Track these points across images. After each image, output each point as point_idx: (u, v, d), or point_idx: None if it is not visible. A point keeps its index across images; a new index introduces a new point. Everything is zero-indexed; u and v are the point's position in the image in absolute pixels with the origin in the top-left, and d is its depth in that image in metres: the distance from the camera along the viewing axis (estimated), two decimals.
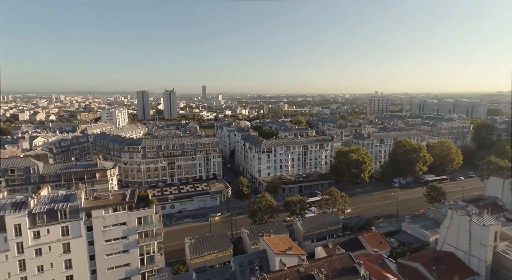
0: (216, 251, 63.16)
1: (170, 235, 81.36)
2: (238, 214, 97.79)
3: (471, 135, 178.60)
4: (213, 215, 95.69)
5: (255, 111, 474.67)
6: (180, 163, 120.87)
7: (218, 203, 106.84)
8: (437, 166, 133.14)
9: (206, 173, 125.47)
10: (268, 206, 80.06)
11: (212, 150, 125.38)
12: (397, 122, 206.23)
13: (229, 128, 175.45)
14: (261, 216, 79.26)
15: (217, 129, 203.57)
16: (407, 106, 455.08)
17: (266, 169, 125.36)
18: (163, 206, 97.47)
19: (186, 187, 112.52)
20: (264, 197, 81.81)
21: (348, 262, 44.71)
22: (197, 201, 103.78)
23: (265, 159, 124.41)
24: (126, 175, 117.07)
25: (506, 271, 51.43)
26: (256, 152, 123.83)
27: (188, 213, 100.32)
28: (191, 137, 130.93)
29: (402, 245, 69.82)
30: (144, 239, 56.50)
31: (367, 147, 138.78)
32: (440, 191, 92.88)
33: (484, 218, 54.64)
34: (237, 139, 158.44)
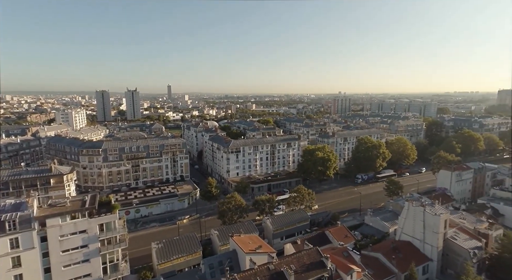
0: (184, 254, 61.62)
1: (136, 240, 77.90)
2: (207, 215, 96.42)
3: (423, 132, 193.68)
4: (181, 218, 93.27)
5: (222, 111, 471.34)
6: (145, 165, 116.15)
7: (186, 205, 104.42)
8: (395, 162, 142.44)
9: (173, 175, 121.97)
10: (238, 206, 79.94)
11: (179, 151, 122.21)
12: (359, 121, 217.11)
13: (197, 128, 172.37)
14: (231, 216, 78.92)
15: (184, 129, 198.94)
16: (368, 106, 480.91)
17: (235, 169, 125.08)
18: (127, 211, 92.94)
19: (152, 190, 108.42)
20: (233, 197, 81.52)
21: (316, 257, 46.14)
22: (164, 204, 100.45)
23: (234, 159, 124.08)
24: (85, 180, 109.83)
25: (454, 255, 56.56)
26: (225, 152, 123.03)
27: (155, 217, 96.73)
28: (156, 138, 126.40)
29: (365, 237, 73.77)
30: (106, 247, 53.39)
31: (332, 145, 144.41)
32: (398, 185, 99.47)
33: (436, 208, 59.49)
34: (205, 139, 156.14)
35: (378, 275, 50.88)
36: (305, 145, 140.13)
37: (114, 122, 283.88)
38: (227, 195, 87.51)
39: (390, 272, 52.45)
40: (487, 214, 75.67)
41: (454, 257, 56.50)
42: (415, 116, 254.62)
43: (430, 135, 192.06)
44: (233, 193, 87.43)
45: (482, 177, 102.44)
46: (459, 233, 59.83)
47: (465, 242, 57.25)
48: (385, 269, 52.95)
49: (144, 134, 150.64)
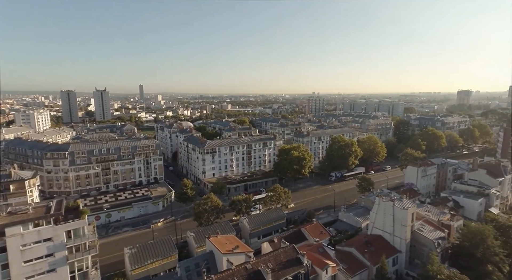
0: (159, 258, 59.90)
1: (107, 246, 74.58)
2: (183, 217, 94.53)
3: (392, 130, 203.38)
4: (155, 221, 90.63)
5: (197, 112, 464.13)
6: (116, 168, 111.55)
7: (161, 208, 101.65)
8: (366, 159, 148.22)
9: (147, 177, 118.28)
10: (214, 206, 79.18)
11: (153, 153, 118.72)
12: (332, 120, 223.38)
13: (171, 129, 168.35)
14: (207, 217, 78.00)
15: (158, 130, 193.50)
16: (340, 106, 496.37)
17: (211, 170, 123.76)
18: (97, 216, 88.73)
19: (125, 194, 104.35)
20: (209, 198, 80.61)
21: (292, 254, 46.83)
22: (137, 208, 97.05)
23: (210, 159, 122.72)
24: (50, 185, 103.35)
25: (420, 246, 59.91)
26: (200, 153, 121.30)
27: (128, 221, 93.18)
28: (128, 140, 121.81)
29: (339, 233, 76.04)
30: (75, 254, 50.50)
31: (307, 144, 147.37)
32: (369, 182, 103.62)
33: (404, 202, 62.62)
34: (179, 140, 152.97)
35: (352, 268, 52.65)
36: (280, 145, 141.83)
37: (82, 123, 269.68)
38: (203, 196, 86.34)
39: (363, 265, 54.46)
40: (449, 206, 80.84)
41: (421, 248, 59.82)
42: (384, 116, 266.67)
43: (398, 133, 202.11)
44: (209, 194, 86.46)
45: (445, 172, 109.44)
46: (424, 225, 63.44)
47: (430, 233, 60.83)
48: (358, 262, 54.91)
49: (115, 135, 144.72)
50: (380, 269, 52.14)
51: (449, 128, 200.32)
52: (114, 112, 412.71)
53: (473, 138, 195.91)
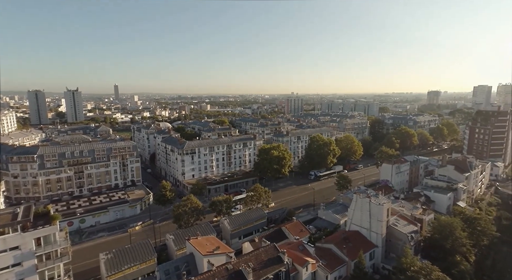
0: (138, 263, 58.12)
1: (82, 253, 71.46)
2: (162, 220, 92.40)
3: (368, 129, 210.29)
4: (133, 225, 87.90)
5: (176, 112, 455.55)
6: (90, 171, 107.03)
7: (139, 212, 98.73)
8: (344, 158, 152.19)
9: (123, 180, 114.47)
10: (194, 208, 78.04)
11: (129, 155, 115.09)
12: (310, 120, 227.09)
13: (148, 130, 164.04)
14: (187, 219, 76.76)
15: (134, 132, 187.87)
16: (319, 106, 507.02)
17: (191, 171, 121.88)
18: (70, 222, 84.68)
19: (99, 198, 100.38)
20: (189, 200, 79.34)
21: (273, 253, 47.15)
22: (113, 212, 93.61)
23: (189, 160, 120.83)
24: (17, 191, 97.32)
25: (395, 240, 62.38)
26: (179, 154, 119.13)
27: (103, 226, 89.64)
28: (103, 142, 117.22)
29: (319, 230, 77.45)
30: (45, 263, 47.87)
31: (286, 143, 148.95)
32: (347, 179, 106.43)
33: (379, 199, 64.95)
34: (157, 141, 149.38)
35: (331, 264, 53.82)
36: (260, 145, 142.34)
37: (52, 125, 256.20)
38: (183, 198, 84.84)
39: (341, 261, 55.82)
40: (421, 201, 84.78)
41: (396, 242, 62.27)
42: (361, 115, 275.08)
43: (373, 132, 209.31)
44: (189, 195, 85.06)
45: (417, 168, 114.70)
46: (399, 220, 66.11)
47: (404, 228, 63.50)
48: (337, 258, 56.23)
49: (89, 137, 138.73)
50: (358, 264, 53.68)
51: (421, 127, 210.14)
52: (87, 113, 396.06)
53: (442, 136, 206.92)
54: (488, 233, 70.88)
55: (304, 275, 48.58)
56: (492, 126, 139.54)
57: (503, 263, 73.88)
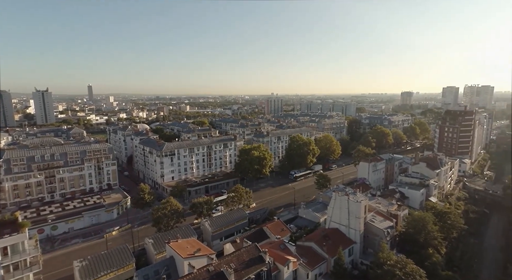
0: (115, 269, 56.08)
1: (54, 261, 68.13)
2: (140, 224, 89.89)
3: (346, 129, 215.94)
4: (109, 230, 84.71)
5: (154, 113, 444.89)
6: (62, 175, 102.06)
7: (116, 216, 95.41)
8: (323, 157, 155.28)
9: (99, 184, 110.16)
10: (174, 211, 76.51)
11: (105, 158, 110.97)
12: (290, 120, 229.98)
13: (125, 132, 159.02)
14: (167, 222, 75.09)
15: (110, 134, 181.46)
16: (298, 106, 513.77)
17: (170, 173, 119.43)
18: (40, 229, 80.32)
19: (73, 203, 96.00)
20: (168, 202, 77.70)
21: (255, 253, 47.20)
22: (88, 217, 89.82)
23: (168, 162, 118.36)
24: None
25: (372, 235, 64.46)
26: (158, 156, 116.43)
27: (77, 232, 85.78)
28: (76, 144, 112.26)
29: (299, 229, 78.48)
30: (13, 273, 45.20)
31: (267, 144, 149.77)
32: (326, 178, 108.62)
33: (357, 196, 66.87)
34: (135, 143, 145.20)
35: (312, 262, 54.69)
36: (241, 145, 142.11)
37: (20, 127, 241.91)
38: (162, 200, 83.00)
39: (322, 258, 56.87)
40: (396, 197, 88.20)
41: (373, 237, 64.34)
42: (339, 115, 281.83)
43: (351, 132, 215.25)
44: (168, 198, 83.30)
45: (392, 166, 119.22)
46: (376, 216, 68.40)
47: (381, 224, 65.78)
48: (318, 256, 57.22)
49: (61, 140, 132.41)
50: (337, 260, 54.92)
51: (395, 126, 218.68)
52: (58, 115, 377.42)
53: (415, 135, 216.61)
54: (457, 226, 75.03)
55: (286, 274, 49.04)
56: (459, 125, 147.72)
57: (471, 254, 78.53)
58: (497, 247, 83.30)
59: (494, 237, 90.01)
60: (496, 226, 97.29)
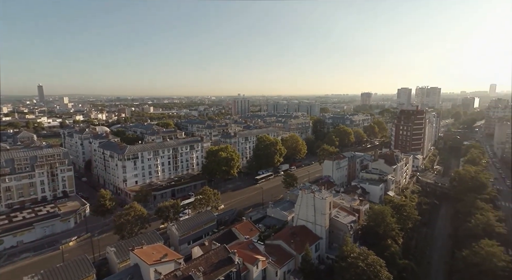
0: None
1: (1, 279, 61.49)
2: (101, 232, 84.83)
3: (311, 128, 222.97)
4: (65, 241, 78.74)
5: (114, 115, 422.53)
6: (9, 184, 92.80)
7: (73, 225, 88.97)
8: (289, 156, 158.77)
9: (53, 192, 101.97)
10: (138, 216, 73.29)
11: (59, 163, 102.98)
12: (257, 121, 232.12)
13: (82, 135, 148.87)
14: (130, 229, 71.69)
15: (65, 137, 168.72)
16: (265, 107, 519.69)
17: (133, 178, 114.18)
18: None
19: (22, 214, 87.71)
20: (132, 208, 74.23)
21: (223, 254, 46.85)
22: (40, 229, 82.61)
23: (131, 166, 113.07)
24: None
25: (337, 230, 67.27)
26: (120, 160, 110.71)
27: (28, 245, 78.50)
28: (25, 150, 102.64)
29: (268, 228, 79.30)
30: None
31: (234, 144, 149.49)
32: (293, 177, 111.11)
33: (322, 193, 69.31)
34: (93, 147, 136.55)
35: (280, 260, 55.58)
36: (208, 146, 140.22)
37: None
38: (125, 206, 78.99)
39: (290, 255, 58.03)
40: (358, 193, 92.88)
41: (337, 232, 67.12)
42: (304, 115, 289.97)
43: (316, 131, 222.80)
44: (132, 203, 79.56)
45: (354, 163, 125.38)
46: (340, 212, 71.44)
47: (345, 219, 68.85)
48: (286, 253, 58.29)
49: (6, 145, 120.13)
50: (304, 256, 56.43)
51: (356, 125, 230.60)
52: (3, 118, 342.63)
53: (374, 133, 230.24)
54: (412, 217, 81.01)
55: (255, 273, 49.30)
56: (412, 124, 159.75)
57: (423, 242, 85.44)
58: (445, 235, 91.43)
59: (443, 226, 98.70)
60: (444, 215, 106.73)
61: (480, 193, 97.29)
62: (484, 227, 72.20)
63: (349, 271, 51.84)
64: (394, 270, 57.36)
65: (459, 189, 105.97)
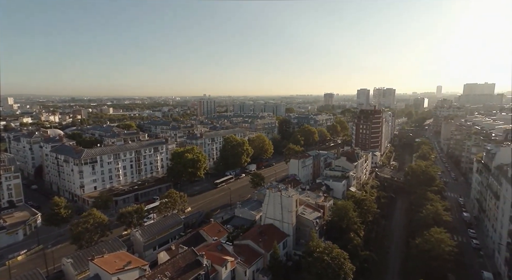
0: None
1: None
2: (55, 243, 78.52)
3: (277, 128, 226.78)
4: (13, 255, 71.54)
5: (69, 117, 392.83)
6: None
7: (22, 238, 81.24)
8: (256, 156, 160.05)
9: None
10: (98, 224, 69.02)
11: (4, 170, 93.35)
12: (224, 121, 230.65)
13: (31, 139, 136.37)
14: (90, 237, 67.32)
15: (10, 142, 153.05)
16: (231, 107, 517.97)
17: (92, 183, 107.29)
18: None
19: None
20: (91, 215, 69.71)
21: (191, 257, 45.91)
22: None
23: (89, 171, 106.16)
24: None
25: (303, 227, 69.24)
26: (76, 165, 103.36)
27: None
28: None
29: (236, 228, 79.10)
30: None
31: (201, 146, 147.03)
32: (260, 177, 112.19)
33: (289, 191, 70.87)
34: (45, 152, 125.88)
35: (249, 259, 55.80)
36: (173, 148, 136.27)
37: None
38: (83, 213, 73.92)
39: (258, 254, 58.49)
40: (322, 190, 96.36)
41: (304, 229, 69.09)
42: (270, 116, 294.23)
43: (282, 131, 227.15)
44: (90, 210, 74.62)
45: (318, 162, 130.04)
46: (306, 209, 73.61)
47: (310, 215, 71.07)
48: (254, 252, 58.67)
49: None
50: (273, 254, 57.29)
51: (320, 125, 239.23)
52: None
53: (336, 132, 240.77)
54: (372, 211, 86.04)
55: (224, 274, 48.95)
56: (371, 123, 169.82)
57: (382, 233, 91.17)
58: (401, 225, 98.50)
59: (399, 217, 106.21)
60: (400, 207, 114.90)
61: (430, 185, 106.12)
62: (434, 217, 78.81)
63: (316, 265, 53.57)
64: (356, 262, 60.38)
65: (412, 182, 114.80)
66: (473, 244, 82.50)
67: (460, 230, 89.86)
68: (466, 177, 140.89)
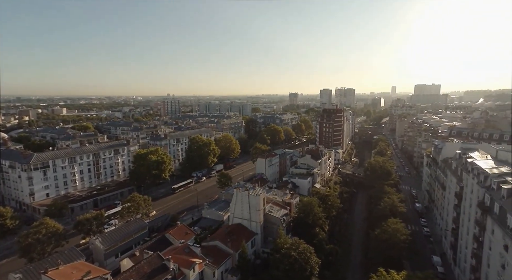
0: None
1: None
2: (1, 258, 71.01)
3: (243, 128, 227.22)
4: None
5: (14, 118, 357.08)
6: None
7: None
8: (223, 156, 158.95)
9: None
10: (52, 233, 63.77)
11: None
12: (189, 122, 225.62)
13: None
14: (42, 248, 61.95)
15: None
16: (197, 107, 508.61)
17: (43, 190, 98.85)
18: None
19: None
20: (43, 224, 64.17)
21: (157, 262, 44.45)
22: None
23: (40, 177, 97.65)
24: None
25: (271, 224, 70.33)
26: (24, 171, 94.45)
27: None
28: None
29: (204, 229, 77.97)
30: None
31: (165, 147, 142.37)
32: (227, 177, 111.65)
33: (256, 190, 71.47)
34: None
35: (217, 260, 55.37)
36: (136, 150, 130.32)
37: None
38: (33, 223, 67.74)
39: (227, 254, 58.26)
40: (289, 188, 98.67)
41: (271, 226, 70.18)
42: (236, 115, 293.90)
43: (248, 131, 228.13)
44: (42, 219, 68.67)
45: (285, 160, 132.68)
46: (273, 207, 74.81)
47: (277, 212, 72.38)
48: (223, 253, 58.32)
49: None
50: (241, 253, 57.44)
51: (285, 124, 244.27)
52: None
53: (301, 131, 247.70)
54: (335, 206, 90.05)
55: (192, 277, 48.02)
56: (333, 121, 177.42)
57: (345, 227, 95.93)
58: (362, 218, 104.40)
59: (360, 211, 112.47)
60: (361, 201, 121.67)
61: (387, 179, 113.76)
62: (390, 208, 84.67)
63: (283, 261, 54.76)
64: (322, 255, 62.86)
65: (371, 177, 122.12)
66: (424, 232, 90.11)
67: (413, 219, 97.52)
68: (418, 171, 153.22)
